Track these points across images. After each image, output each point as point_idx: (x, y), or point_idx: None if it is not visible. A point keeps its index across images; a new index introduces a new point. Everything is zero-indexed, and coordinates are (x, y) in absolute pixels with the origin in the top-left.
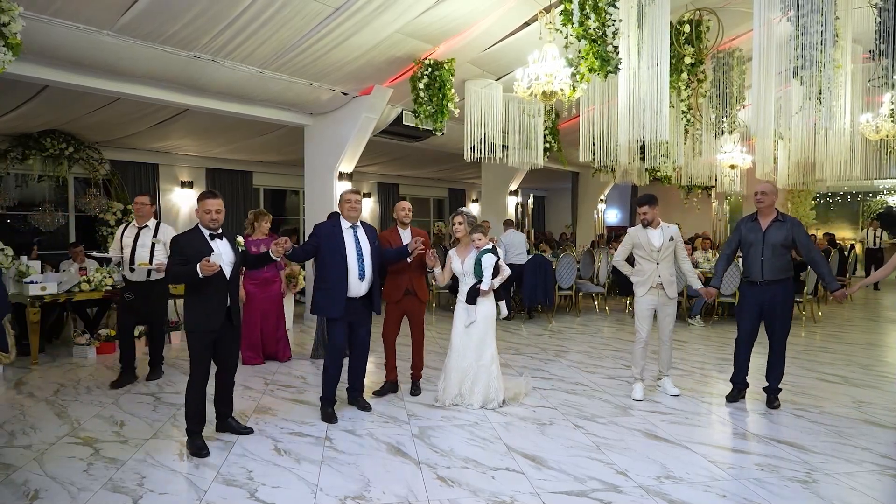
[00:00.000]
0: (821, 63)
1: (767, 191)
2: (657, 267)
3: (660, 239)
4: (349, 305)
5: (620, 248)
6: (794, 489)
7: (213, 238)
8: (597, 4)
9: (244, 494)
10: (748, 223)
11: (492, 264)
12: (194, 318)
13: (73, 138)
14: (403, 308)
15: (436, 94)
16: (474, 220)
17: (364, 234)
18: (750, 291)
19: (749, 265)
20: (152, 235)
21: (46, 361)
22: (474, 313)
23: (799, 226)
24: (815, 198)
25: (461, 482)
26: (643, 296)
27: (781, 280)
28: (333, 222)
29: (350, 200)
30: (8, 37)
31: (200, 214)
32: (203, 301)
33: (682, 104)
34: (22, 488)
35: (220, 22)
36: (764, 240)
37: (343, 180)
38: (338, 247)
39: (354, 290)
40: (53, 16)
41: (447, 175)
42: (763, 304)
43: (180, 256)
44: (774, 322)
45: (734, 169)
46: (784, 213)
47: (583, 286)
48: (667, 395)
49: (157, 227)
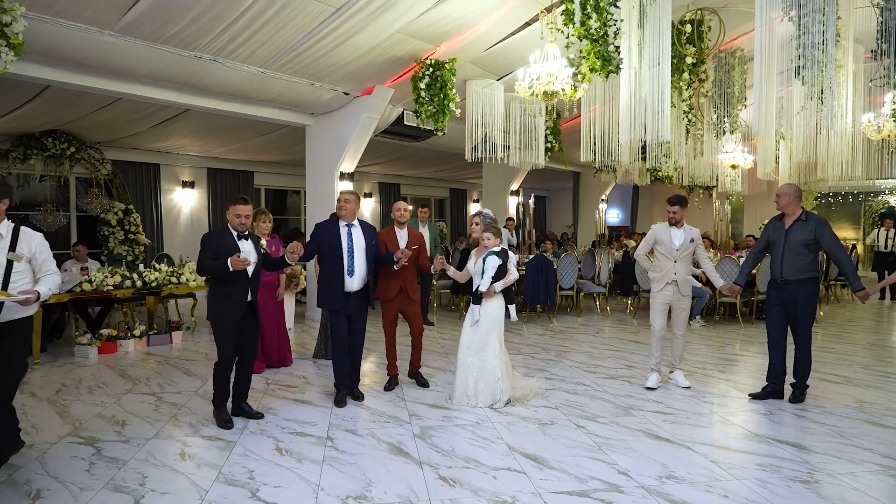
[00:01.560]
0: (822, 63)
1: (781, 192)
2: (674, 265)
3: (681, 239)
4: (347, 299)
5: (643, 243)
6: (796, 489)
7: (240, 238)
8: (598, 4)
9: (246, 494)
10: (774, 223)
11: (494, 266)
12: (218, 310)
13: (74, 138)
14: (398, 305)
15: (437, 94)
16: (491, 222)
17: (360, 232)
18: (773, 291)
19: (772, 264)
20: (8, 248)
21: (48, 361)
22: (478, 313)
23: (824, 225)
24: (817, 198)
25: (463, 482)
26: (659, 291)
27: (803, 280)
28: (332, 221)
29: (340, 200)
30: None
31: (231, 217)
32: (227, 295)
33: (684, 104)
34: (24, 488)
35: (221, 22)
36: (786, 239)
37: (344, 180)
38: (334, 244)
39: (347, 285)
40: (55, 16)
41: (448, 175)
42: (786, 303)
43: (212, 252)
44: (796, 320)
45: (736, 169)
46: (809, 213)
47: (584, 286)
48: (673, 394)
49: (16, 236)
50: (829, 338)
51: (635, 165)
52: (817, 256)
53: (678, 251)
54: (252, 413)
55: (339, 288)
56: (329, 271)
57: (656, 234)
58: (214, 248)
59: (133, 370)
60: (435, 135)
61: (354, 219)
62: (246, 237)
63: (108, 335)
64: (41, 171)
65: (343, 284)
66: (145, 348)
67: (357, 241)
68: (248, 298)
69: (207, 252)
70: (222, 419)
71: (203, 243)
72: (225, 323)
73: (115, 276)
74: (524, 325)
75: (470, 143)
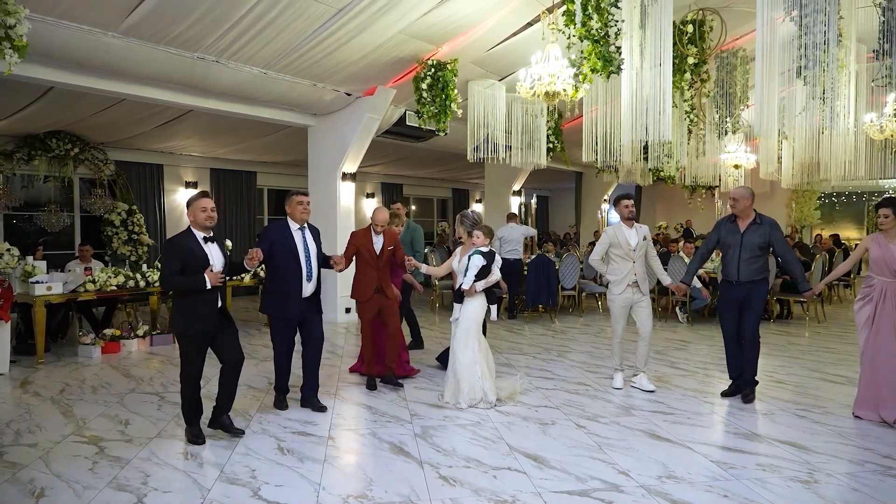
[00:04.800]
0: (824, 63)
1: (738, 196)
2: (633, 265)
3: (636, 238)
4: (302, 306)
5: (597, 248)
6: (796, 489)
7: (206, 241)
8: (599, 5)
9: (247, 493)
10: (727, 224)
11: (477, 265)
12: (185, 322)
13: (78, 139)
14: (375, 304)
15: (439, 95)
16: (471, 221)
17: (310, 235)
18: (727, 291)
19: (727, 265)
20: None
21: (52, 361)
22: (458, 311)
23: (776, 228)
24: (820, 198)
25: (463, 481)
26: (620, 294)
27: (756, 280)
28: (282, 224)
29: (303, 202)
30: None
31: (196, 214)
32: (194, 305)
33: (686, 104)
34: (28, 486)
35: (224, 23)
36: (742, 242)
37: (346, 181)
38: (291, 249)
39: (305, 290)
40: (59, 18)
41: (450, 175)
42: (741, 302)
43: (178, 262)
44: (745, 319)
45: (738, 169)
46: (762, 216)
47: (586, 286)
48: (673, 395)
49: None
50: (832, 338)
51: (637, 165)
52: (768, 258)
53: (635, 251)
54: (232, 429)
55: (296, 294)
56: (284, 277)
57: (611, 238)
58: (180, 257)
59: (136, 370)
60: (437, 135)
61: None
62: (212, 239)
63: (111, 335)
64: (45, 172)
65: (301, 291)
66: (148, 348)
67: (311, 245)
68: (218, 304)
69: (174, 262)
70: (193, 434)
71: (167, 251)
72: (194, 336)
73: (119, 277)
74: (526, 325)
75: (472, 143)
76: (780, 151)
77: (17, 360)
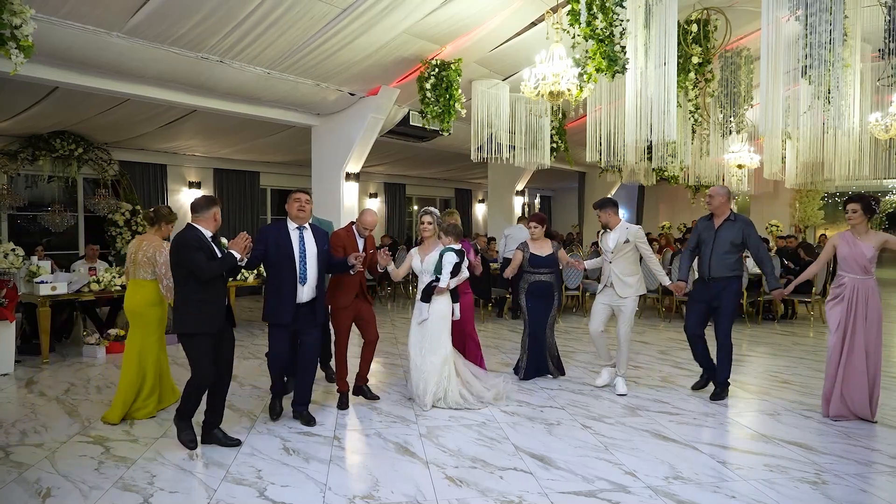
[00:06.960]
0: (829, 62)
1: (714, 194)
2: (610, 266)
3: (614, 241)
4: (297, 311)
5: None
6: (804, 490)
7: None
8: (604, 4)
9: (253, 493)
10: (704, 222)
11: (451, 262)
12: (198, 321)
13: (82, 139)
14: (354, 311)
15: (443, 95)
16: (442, 222)
17: (311, 236)
18: (698, 291)
19: (700, 263)
20: None
21: (57, 361)
22: (426, 311)
23: (749, 225)
24: (824, 198)
25: (469, 482)
26: (599, 292)
27: (727, 278)
28: (279, 224)
29: (300, 200)
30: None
31: (208, 222)
32: (206, 301)
33: (690, 104)
34: (34, 486)
35: (228, 23)
36: (715, 238)
37: (350, 181)
38: (286, 250)
39: (299, 295)
40: (64, 18)
41: (454, 175)
42: (710, 301)
43: (199, 252)
44: (718, 317)
45: (742, 169)
46: (736, 213)
47: (590, 286)
48: (679, 395)
49: None
50: None
51: (641, 165)
52: (742, 256)
53: (612, 253)
54: (227, 441)
55: (290, 298)
56: (278, 279)
57: (600, 238)
58: (198, 248)
59: None
60: (440, 135)
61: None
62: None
63: (115, 335)
64: (49, 172)
65: (295, 295)
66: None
67: (309, 246)
68: (226, 303)
69: (195, 254)
70: (187, 437)
71: (183, 248)
72: (203, 335)
73: (123, 277)
74: None
75: (475, 143)
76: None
77: (21, 359)
